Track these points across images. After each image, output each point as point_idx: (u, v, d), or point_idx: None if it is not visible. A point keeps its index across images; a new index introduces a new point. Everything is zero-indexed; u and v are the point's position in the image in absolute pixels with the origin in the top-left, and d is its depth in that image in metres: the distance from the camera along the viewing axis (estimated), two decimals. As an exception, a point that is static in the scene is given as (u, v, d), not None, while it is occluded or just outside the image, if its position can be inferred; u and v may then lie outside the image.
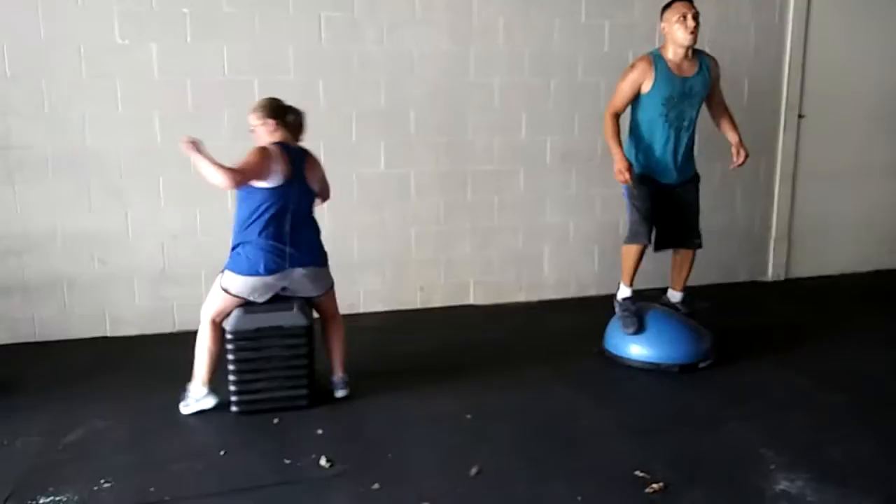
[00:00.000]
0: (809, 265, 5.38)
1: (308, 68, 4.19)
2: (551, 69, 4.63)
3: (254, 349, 3.04)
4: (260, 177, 2.92)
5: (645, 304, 3.80)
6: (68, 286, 4.07)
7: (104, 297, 4.13)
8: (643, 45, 4.72)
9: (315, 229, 3.20)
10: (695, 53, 3.58)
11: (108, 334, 4.14)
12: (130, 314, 4.17)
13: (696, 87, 3.56)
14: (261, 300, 3.05)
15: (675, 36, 3.46)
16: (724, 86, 4.73)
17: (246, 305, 3.07)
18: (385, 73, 4.33)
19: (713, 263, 5.17)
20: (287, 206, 3.01)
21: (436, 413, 3.09)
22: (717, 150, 5.01)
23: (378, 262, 4.54)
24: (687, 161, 3.67)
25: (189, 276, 4.18)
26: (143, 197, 4.09)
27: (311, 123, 3.29)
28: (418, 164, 4.50)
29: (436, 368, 3.61)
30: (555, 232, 4.85)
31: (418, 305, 4.65)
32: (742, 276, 5.30)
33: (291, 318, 3.05)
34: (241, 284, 3.00)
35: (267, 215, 2.97)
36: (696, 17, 3.43)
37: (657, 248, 3.84)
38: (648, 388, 3.38)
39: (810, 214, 5.33)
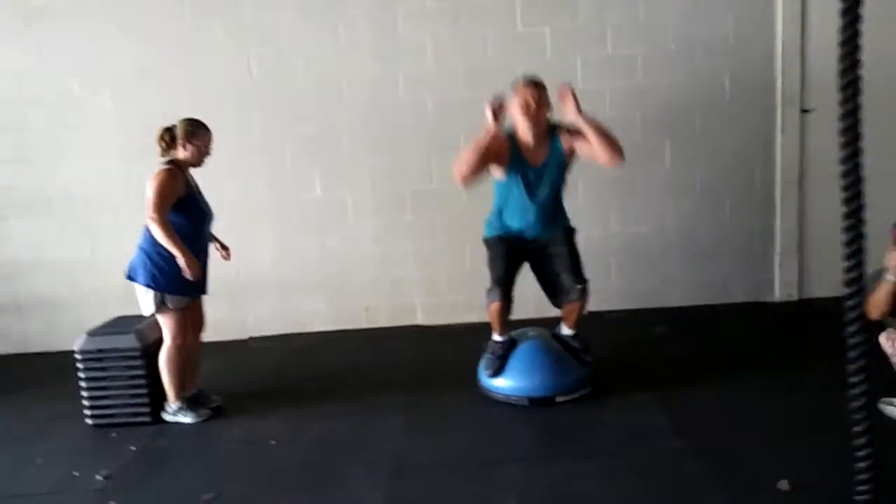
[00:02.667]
0: (830, 283, 4.59)
1: (240, 103, 4.47)
2: (488, 82, 4.46)
3: (100, 368, 3.37)
4: None
5: (526, 332, 3.57)
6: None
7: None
8: (592, 51, 4.42)
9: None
10: (549, 131, 3.31)
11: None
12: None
13: (549, 172, 3.33)
14: None
15: (519, 123, 3.25)
16: (703, 84, 4.35)
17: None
18: (314, 100, 4.49)
19: (700, 283, 4.66)
20: None
21: (248, 437, 3.20)
22: (697, 157, 4.52)
23: (321, 283, 4.69)
24: (550, 221, 3.43)
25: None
26: None
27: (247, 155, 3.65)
28: (355, 187, 4.60)
29: (306, 390, 3.71)
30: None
31: (364, 325, 4.72)
32: (740, 297, 4.67)
33: (127, 341, 3.33)
34: None
35: None
36: (538, 100, 3.18)
37: (555, 305, 3.53)
38: (475, 423, 3.18)
39: (826, 224, 4.54)
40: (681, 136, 4.53)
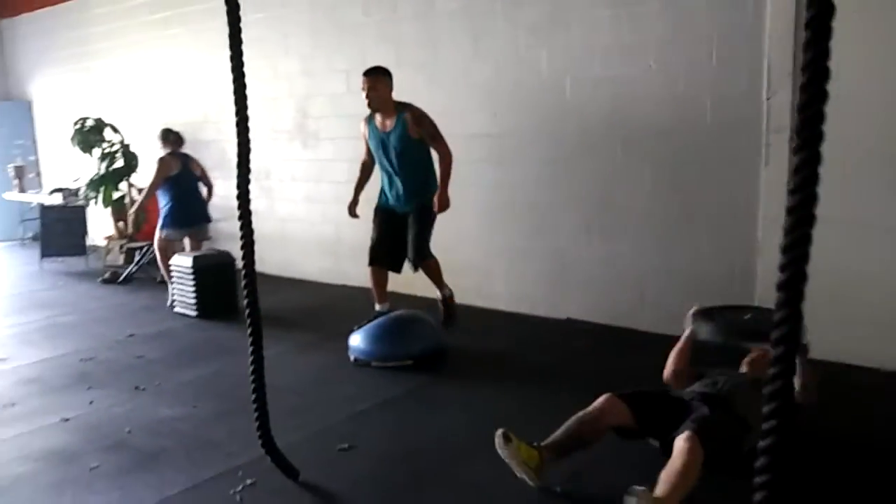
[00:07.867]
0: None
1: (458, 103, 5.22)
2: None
3: (180, 278, 5.42)
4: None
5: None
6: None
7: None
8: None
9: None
10: (398, 109, 4.30)
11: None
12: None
13: (393, 140, 4.33)
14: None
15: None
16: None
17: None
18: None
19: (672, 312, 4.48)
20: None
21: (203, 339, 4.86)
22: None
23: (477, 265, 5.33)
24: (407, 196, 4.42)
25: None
26: None
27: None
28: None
29: (322, 329, 5.15)
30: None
31: (502, 307, 5.23)
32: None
33: (188, 261, 5.29)
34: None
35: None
36: (367, 90, 4.26)
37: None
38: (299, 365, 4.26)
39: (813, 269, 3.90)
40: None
